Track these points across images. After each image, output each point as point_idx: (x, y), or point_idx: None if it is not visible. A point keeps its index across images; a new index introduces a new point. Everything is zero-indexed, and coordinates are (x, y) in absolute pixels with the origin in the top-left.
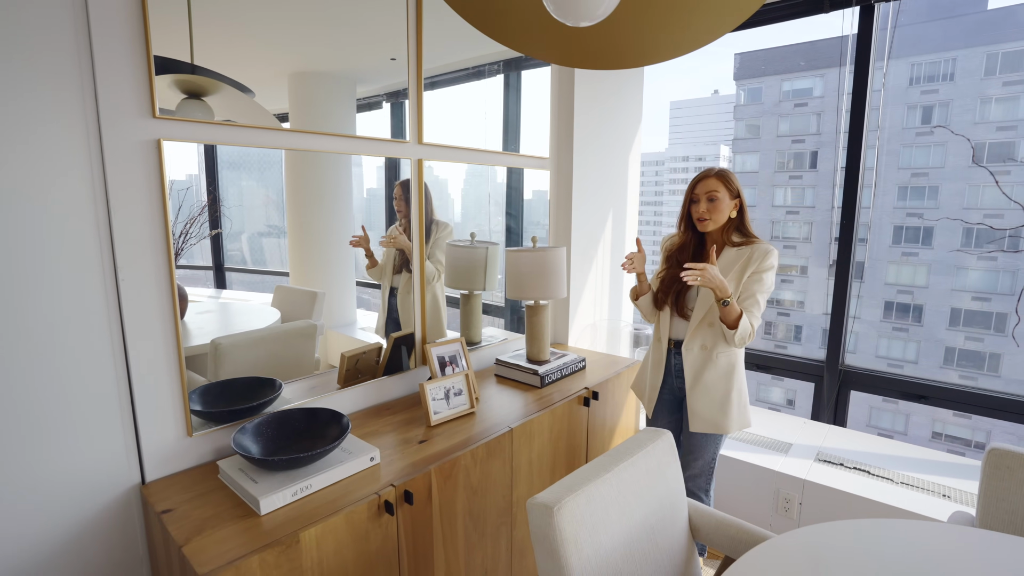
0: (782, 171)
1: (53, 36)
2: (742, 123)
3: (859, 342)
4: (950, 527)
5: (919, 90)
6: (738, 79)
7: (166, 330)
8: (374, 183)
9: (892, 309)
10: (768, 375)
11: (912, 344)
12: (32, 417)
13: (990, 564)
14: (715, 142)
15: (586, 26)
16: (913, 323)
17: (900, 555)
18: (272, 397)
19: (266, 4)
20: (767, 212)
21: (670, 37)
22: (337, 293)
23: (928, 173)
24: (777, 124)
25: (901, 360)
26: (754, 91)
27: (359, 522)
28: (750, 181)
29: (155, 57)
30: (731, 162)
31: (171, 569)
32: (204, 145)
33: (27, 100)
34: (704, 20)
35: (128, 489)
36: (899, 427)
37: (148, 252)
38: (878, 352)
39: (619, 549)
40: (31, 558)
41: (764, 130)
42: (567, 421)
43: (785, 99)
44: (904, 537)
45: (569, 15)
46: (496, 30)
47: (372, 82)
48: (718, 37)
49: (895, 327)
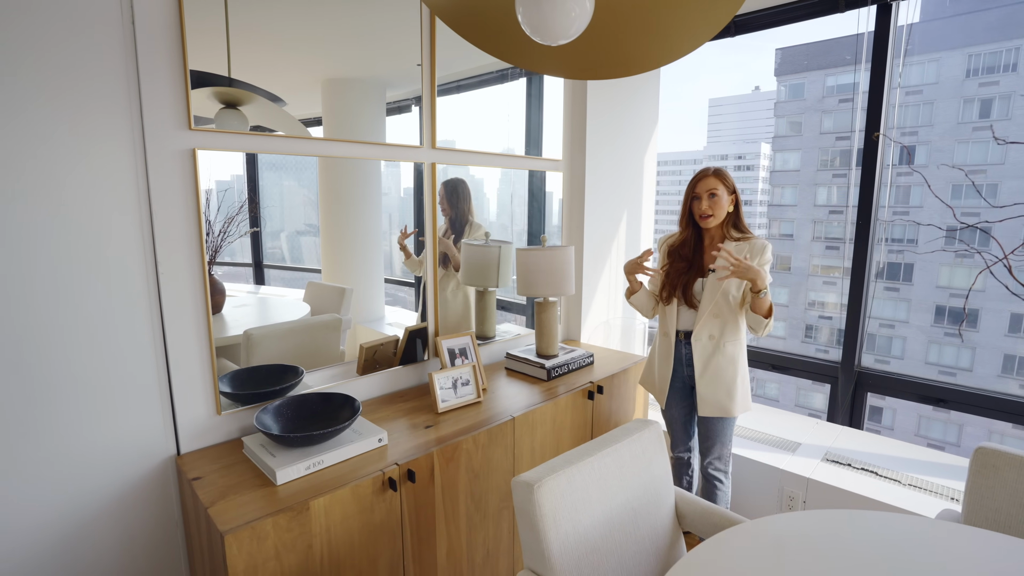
0: (825, 169)
1: (108, 63)
2: (783, 120)
3: (907, 347)
4: (920, 519)
5: (976, 82)
6: (779, 75)
7: (199, 319)
8: (409, 183)
9: (944, 314)
10: (808, 380)
11: (966, 351)
12: (86, 394)
13: (946, 553)
14: (755, 140)
15: (563, 44)
16: (968, 328)
17: (860, 543)
18: (294, 382)
19: (299, 17)
20: (808, 212)
21: (644, 51)
22: (366, 289)
23: (987, 170)
24: (820, 120)
25: (953, 367)
26: (796, 87)
27: (364, 495)
28: (791, 180)
29: (195, 72)
30: (771, 160)
31: (199, 527)
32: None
33: (87, 118)
34: (676, 35)
35: (165, 459)
36: (951, 438)
37: (184, 249)
38: (928, 359)
39: (598, 528)
40: (86, 514)
41: (806, 127)
42: (570, 413)
43: (829, 95)
44: (871, 527)
45: (546, 37)
46: (492, 47)
47: (401, 86)
48: (695, 48)
49: (947, 332)
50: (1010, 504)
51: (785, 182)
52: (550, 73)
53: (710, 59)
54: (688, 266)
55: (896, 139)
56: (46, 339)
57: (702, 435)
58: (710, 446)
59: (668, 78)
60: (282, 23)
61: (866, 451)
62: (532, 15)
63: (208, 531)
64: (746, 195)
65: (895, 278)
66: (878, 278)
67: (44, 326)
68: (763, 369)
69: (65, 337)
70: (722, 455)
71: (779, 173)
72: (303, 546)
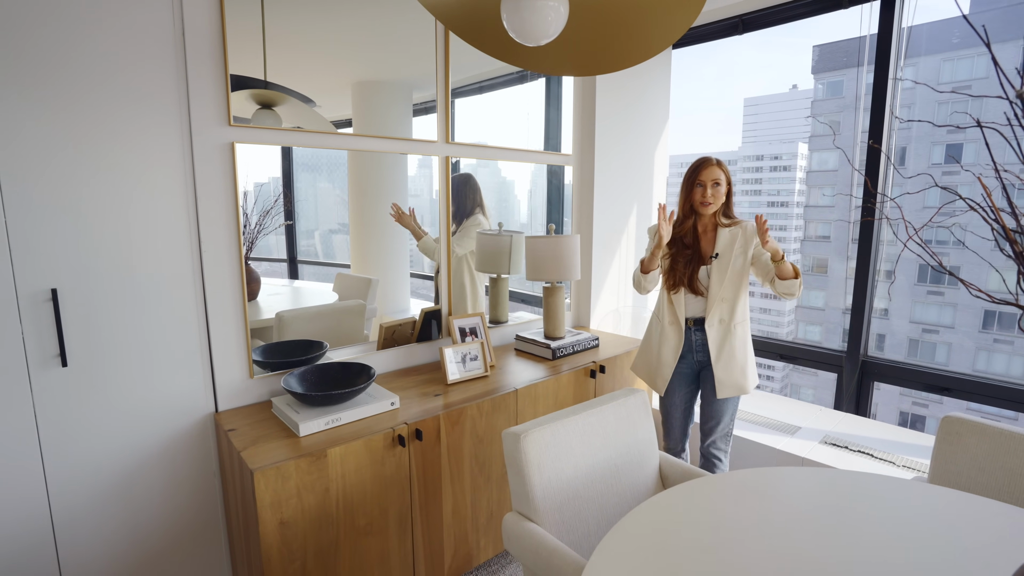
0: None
1: (162, 67)
2: (821, 119)
3: (952, 354)
4: (883, 478)
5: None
6: (816, 72)
7: (235, 294)
8: (440, 185)
9: (994, 319)
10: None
11: (1018, 358)
12: (140, 356)
13: (897, 502)
14: (792, 140)
15: (545, 43)
16: (1020, 335)
17: (820, 492)
18: (319, 354)
19: (330, 23)
20: (846, 213)
21: (618, 50)
22: (392, 282)
23: None
24: (859, 119)
25: (1004, 375)
26: (834, 84)
27: (376, 449)
28: (829, 180)
29: (235, 76)
30: (808, 160)
31: (233, 469)
32: (281, 148)
33: (145, 114)
34: (645, 35)
35: (206, 415)
36: None
37: (224, 233)
38: (975, 366)
39: (581, 478)
40: (139, 458)
41: (844, 125)
42: (572, 389)
43: (869, 92)
44: (835, 480)
45: (528, 39)
46: (494, 50)
47: (426, 88)
48: (664, 48)
49: (996, 339)
50: (970, 468)
51: (822, 183)
52: (549, 72)
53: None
54: (691, 254)
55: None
56: (109, 305)
57: (708, 416)
58: (714, 425)
59: (703, 78)
60: (314, 29)
61: (865, 435)
62: (514, 21)
63: (240, 471)
64: (782, 196)
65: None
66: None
67: (108, 294)
68: (770, 358)
69: (124, 305)
70: (726, 434)
71: (815, 173)
72: (321, 489)
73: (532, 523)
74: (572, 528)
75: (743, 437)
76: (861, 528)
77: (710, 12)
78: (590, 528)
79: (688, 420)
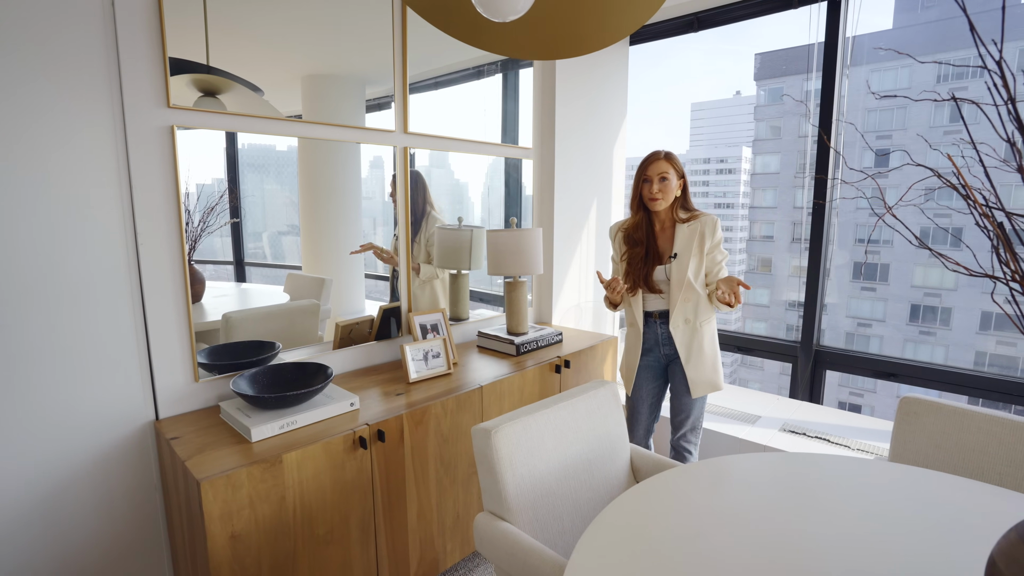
0: (802, 173)
1: (89, 44)
2: (763, 124)
3: (884, 345)
4: (849, 459)
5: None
6: (758, 79)
7: (177, 291)
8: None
9: (919, 312)
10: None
11: (940, 347)
12: (65, 359)
13: (862, 480)
14: (737, 144)
15: (512, 20)
16: (941, 326)
17: (788, 477)
18: (270, 355)
19: (278, 12)
20: (788, 213)
21: (581, 34)
22: (346, 282)
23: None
24: (799, 124)
25: (929, 362)
26: (775, 91)
27: (336, 452)
28: (771, 182)
29: (175, 59)
30: (751, 163)
31: (176, 482)
32: (226, 147)
33: (70, 95)
34: (610, 20)
35: (145, 424)
36: None
37: (164, 225)
38: (904, 354)
39: (554, 474)
40: (67, 475)
41: (785, 131)
42: (538, 385)
43: (807, 98)
44: (802, 465)
45: (496, 14)
46: (453, 28)
47: (380, 83)
48: (627, 34)
49: (921, 331)
50: (928, 445)
51: (765, 184)
52: (511, 54)
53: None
54: (645, 252)
55: (871, 143)
56: (27, 305)
57: (679, 409)
58: (685, 418)
59: (652, 82)
60: (260, 18)
61: (821, 422)
62: None
63: (185, 483)
64: (728, 198)
65: (872, 278)
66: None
67: (26, 292)
68: (728, 351)
69: (46, 304)
70: (696, 427)
71: (759, 176)
72: (276, 497)
73: (506, 523)
74: (547, 526)
75: (708, 428)
76: (833, 508)
77: (668, 8)
78: (564, 525)
79: (655, 416)
